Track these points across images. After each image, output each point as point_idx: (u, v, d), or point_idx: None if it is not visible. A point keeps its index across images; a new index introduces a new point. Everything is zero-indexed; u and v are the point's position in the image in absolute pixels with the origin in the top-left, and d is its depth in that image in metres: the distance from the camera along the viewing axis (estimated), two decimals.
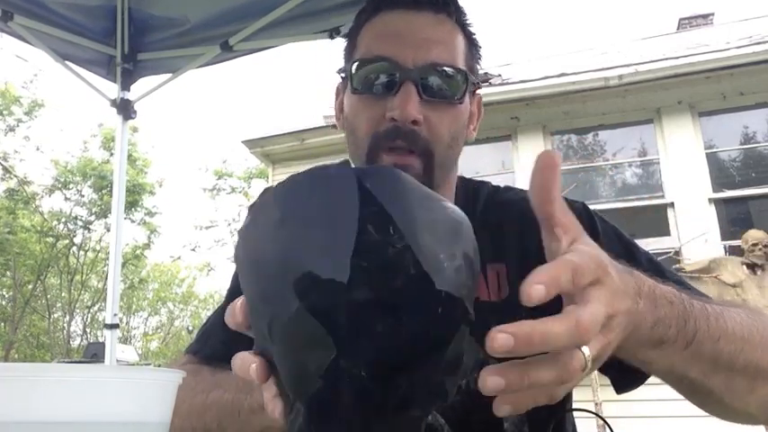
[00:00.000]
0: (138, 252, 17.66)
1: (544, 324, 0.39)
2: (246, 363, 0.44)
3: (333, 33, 2.22)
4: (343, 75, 0.85)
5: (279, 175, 7.51)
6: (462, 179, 0.92)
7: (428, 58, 0.77)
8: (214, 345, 0.87)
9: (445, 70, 0.78)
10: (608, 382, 0.78)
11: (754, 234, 5.20)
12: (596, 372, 0.64)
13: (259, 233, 0.42)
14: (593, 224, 0.85)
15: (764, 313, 0.69)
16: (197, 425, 0.72)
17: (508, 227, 0.84)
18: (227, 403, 0.68)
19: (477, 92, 0.88)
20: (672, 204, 5.66)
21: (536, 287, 0.39)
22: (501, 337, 0.37)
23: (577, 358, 0.41)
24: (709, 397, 0.63)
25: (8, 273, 15.51)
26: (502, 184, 0.95)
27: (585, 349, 0.42)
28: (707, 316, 0.59)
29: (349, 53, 0.85)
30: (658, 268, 0.82)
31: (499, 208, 0.88)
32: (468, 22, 0.85)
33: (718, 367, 0.59)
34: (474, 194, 0.91)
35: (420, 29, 0.79)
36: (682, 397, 0.65)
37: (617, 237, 0.85)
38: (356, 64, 0.80)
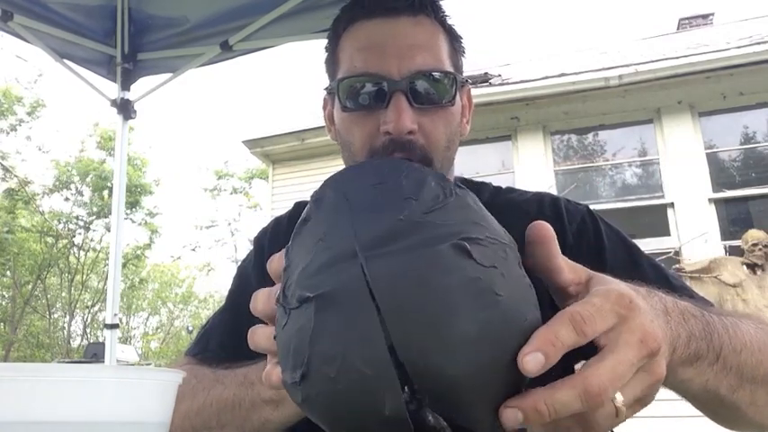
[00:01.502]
0: (138, 252, 17.67)
1: (551, 392, 0.37)
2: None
3: None
4: (329, 91, 0.84)
5: (279, 175, 7.51)
6: (462, 180, 0.92)
7: (414, 66, 0.75)
8: (214, 348, 0.87)
9: (432, 75, 0.76)
10: None
11: (754, 234, 5.20)
12: None
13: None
14: (597, 229, 0.84)
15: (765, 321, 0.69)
16: (196, 422, 0.72)
17: (514, 228, 0.82)
18: (228, 399, 0.69)
19: (466, 84, 0.87)
20: (672, 204, 5.66)
21: (528, 358, 0.36)
22: (509, 412, 0.36)
23: (604, 412, 0.38)
24: (735, 413, 0.63)
25: (8, 272, 15.52)
26: (502, 185, 0.95)
27: (618, 396, 0.38)
28: (726, 328, 0.58)
29: (331, 66, 0.84)
30: (662, 273, 0.81)
31: (503, 209, 0.87)
32: (446, 16, 0.83)
33: (743, 380, 0.59)
34: (475, 195, 0.90)
35: (401, 36, 0.77)
36: (681, 397, 0.65)
37: (621, 241, 0.84)
38: (343, 82, 0.78)
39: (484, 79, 6.37)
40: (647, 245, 5.57)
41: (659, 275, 0.79)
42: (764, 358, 0.61)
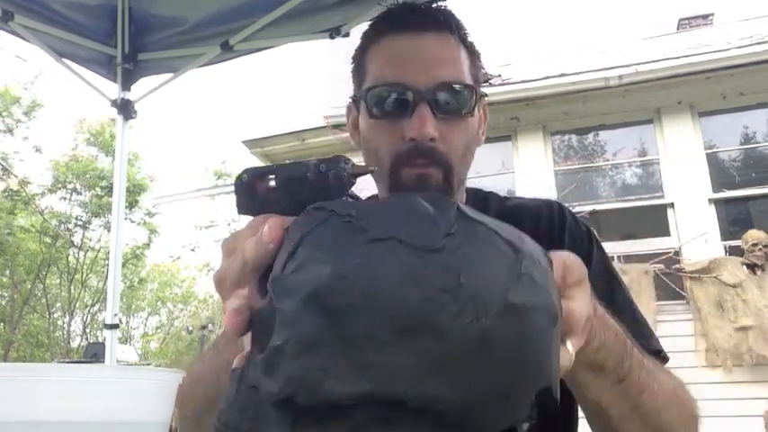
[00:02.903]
0: (137, 252, 17.67)
1: None
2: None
3: (333, 33, 2.22)
4: (356, 99, 0.90)
5: None
6: (471, 189, 0.97)
7: (437, 78, 0.81)
8: None
9: (454, 87, 0.82)
10: None
11: (754, 234, 5.20)
12: None
13: None
14: (590, 250, 0.90)
15: (686, 390, 0.74)
16: (187, 413, 0.73)
17: (525, 228, 0.83)
18: (208, 374, 0.69)
19: (484, 97, 0.93)
20: (672, 204, 5.66)
21: None
22: None
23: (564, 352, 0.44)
24: None
25: (7, 272, 15.54)
26: (503, 188, 0.99)
27: (569, 344, 0.45)
28: (641, 366, 0.62)
29: (358, 76, 0.90)
30: (632, 308, 0.87)
31: (512, 213, 0.93)
32: (467, 35, 0.89)
33: (634, 416, 0.63)
34: (483, 203, 0.95)
35: (426, 50, 0.83)
36: (579, 403, 0.69)
37: (606, 270, 0.90)
38: (370, 91, 0.84)
39: (484, 79, 6.35)
40: (647, 245, 5.57)
41: (630, 311, 0.86)
42: (664, 412, 0.66)
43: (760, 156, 5.96)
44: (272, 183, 0.46)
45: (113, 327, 2.35)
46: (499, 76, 6.64)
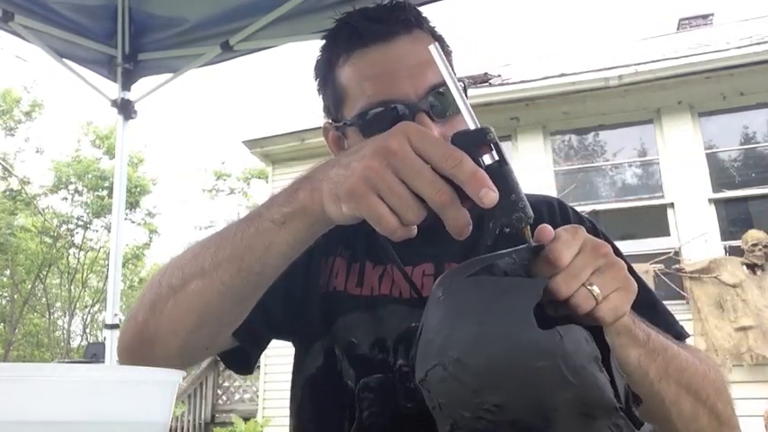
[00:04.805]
0: (137, 252, 17.68)
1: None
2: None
3: None
4: (343, 124, 0.84)
5: (279, 176, 7.51)
6: None
7: (426, 84, 0.77)
8: (258, 314, 0.77)
9: (445, 87, 0.78)
10: None
11: (754, 234, 5.20)
12: None
13: None
14: None
15: (706, 358, 0.75)
16: (188, 270, 0.69)
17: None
18: (228, 235, 0.66)
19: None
20: (672, 204, 5.66)
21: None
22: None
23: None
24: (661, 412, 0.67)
25: (7, 272, 15.54)
26: None
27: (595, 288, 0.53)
28: (657, 331, 0.67)
29: (333, 95, 0.85)
30: (649, 298, 0.86)
31: None
32: (430, 22, 0.85)
33: (668, 375, 0.64)
34: None
35: (406, 57, 0.79)
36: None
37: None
38: (362, 116, 0.79)
39: (484, 79, 6.37)
40: (647, 245, 5.57)
41: (645, 298, 0.83)
42: (688, 367, 0.67)
43: (760, 156, 5.96)
44: (490, 157, 0.54)
45: (113, 327, 2.35)
46: (499, 76, 6.64)
